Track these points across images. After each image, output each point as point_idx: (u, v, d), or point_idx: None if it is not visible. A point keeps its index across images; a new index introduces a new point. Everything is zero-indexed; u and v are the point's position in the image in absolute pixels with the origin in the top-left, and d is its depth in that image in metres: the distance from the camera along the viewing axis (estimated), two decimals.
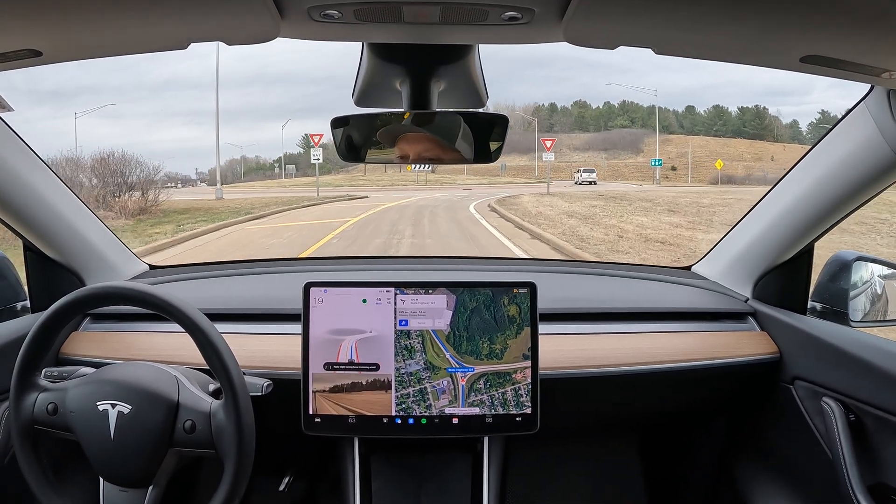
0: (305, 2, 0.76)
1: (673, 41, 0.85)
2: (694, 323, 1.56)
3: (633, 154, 49.21)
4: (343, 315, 1.30)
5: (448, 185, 39.05)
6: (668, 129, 51.10)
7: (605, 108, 58.10)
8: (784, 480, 1.49)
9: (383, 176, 48.36)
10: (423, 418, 1.29)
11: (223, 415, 1.06)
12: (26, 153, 1.33)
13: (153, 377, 1.09)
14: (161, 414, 1.06)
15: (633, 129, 53.98)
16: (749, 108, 48.93)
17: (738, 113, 49.59)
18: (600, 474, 1.92)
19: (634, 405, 1.56)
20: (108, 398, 1.06)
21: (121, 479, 1.09)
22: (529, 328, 1.31)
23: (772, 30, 0.78)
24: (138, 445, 1.06)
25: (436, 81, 1.06)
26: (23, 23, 0.77)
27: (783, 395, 1.45)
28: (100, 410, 1.06)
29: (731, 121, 49.73)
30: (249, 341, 1.41)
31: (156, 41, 0.88)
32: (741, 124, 48.87)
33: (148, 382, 1.08)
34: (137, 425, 1.06)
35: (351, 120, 1.07)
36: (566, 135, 55.47)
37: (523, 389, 1.30)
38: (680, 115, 53.13)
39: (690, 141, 45.50)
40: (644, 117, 54.64)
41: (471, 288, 1.31)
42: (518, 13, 0.78)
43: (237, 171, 39.69)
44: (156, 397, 1.07)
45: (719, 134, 47.02)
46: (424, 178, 43.10)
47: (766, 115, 48.77)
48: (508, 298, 1.31)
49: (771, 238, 1.49)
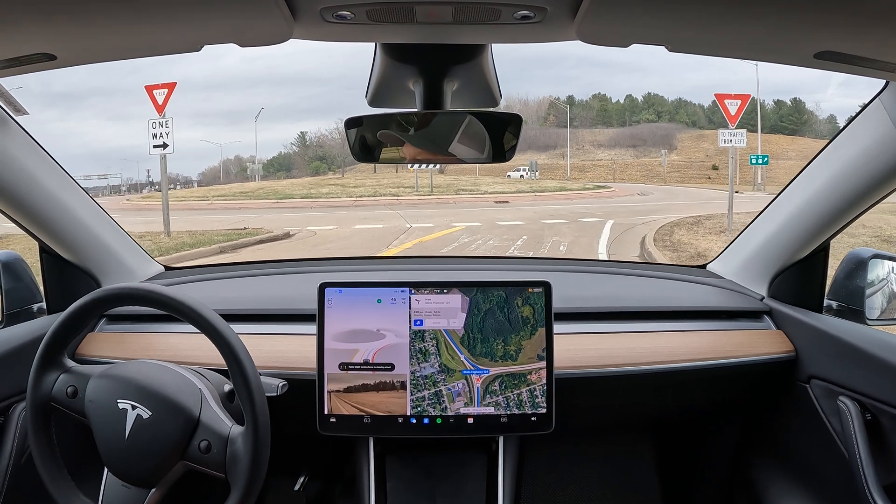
0: (318, 3, 0.76)
1: (686, 39, 0.85)
2: (709, 322, 1.55)
3: (665, 151, 45.19)
4: (358, 315, 1.31)
5: (466, 193, 25.61)
6: (697, 124, 48.37)
7: (628, 102, 54.86)
8: (800, 480, 1.49)
9: (370, 178, 36.59)
10: (438, 418, 1.30)
11: (241, 444, 1.05)
12: (42, 156, 1.34)
13: (178, 387, 1.09)
14: (179, 427, 1.06)
15: (661, 122, 50.41)
16: (785, 101, 46.53)
17: (773, 107, 46.77)
18: (615, 473, 1.91)
19: (649, 405, 1.56)
20: (130, 398, 1.06)
21: (126, 477, 1.09)
22: (543, 329, 1.30)
23: (786, 26, 0.77)
24: (150, 451, 1.06)
25: (449, 81, 1.06)
26: (37, 27, 0.78)
27: (799, 394, 1.44)
28: (119, 408, 1.06)
29: (767, 115, 45.99)
30: (264, 342, 1.42)
31: (169, 44, 0.89)
32: (778, 119, 45.72)
33: (172, 392, 1.07)
34: (153, 432, 1.05)
35: (364, 120, 1.07)
36: (588, 130, 51.62)
37: (538, 390, 1.30)
38: (707, 109, 50.16)
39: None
40: (671, 111, 51.81)
41: (484, 289, 1.31)
42: (530, 12, 0.78)
43: (230, 172, 39.02)
44: (177, 409, 1.06)
45: (755, 129, 44.62)
46: (429, 186, 27.71)
47: (805, 109, 46.34)
48: (522, 299, 1.31)
49: (786, 236, 1.48)
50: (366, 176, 37.89)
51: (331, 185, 31.01)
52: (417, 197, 24.16)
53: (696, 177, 37.87)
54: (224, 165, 45.98)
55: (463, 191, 26.36)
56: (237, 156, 44.32)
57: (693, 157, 41.19)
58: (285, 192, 27.58)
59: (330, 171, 38.28)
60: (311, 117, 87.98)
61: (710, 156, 40.99)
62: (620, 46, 0.88)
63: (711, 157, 40.88)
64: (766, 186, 28.12)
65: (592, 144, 49.41)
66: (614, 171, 39.81)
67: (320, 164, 39.98)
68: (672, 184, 35.44)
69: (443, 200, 22.57)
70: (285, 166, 41.00)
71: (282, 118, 75.00)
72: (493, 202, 21.85)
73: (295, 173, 41.95)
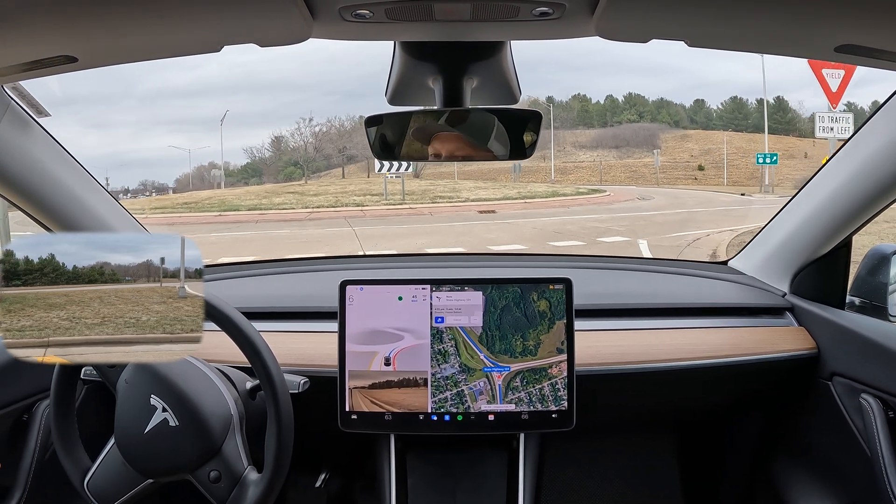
0: (337, 2, 0.76)
1: (706, 33, 0.85)
2: (731, 318, 1.55)
3: (648, 152, 43.15)
4: (379, 312, 1.31)
5: (444, 201, 21.44)
6: (680, 124, 47.03)
7: (609, 103, 53.13)
8: (821, 478, 1.48)
9: (335, 184, 31.06)
10: (459, 415, 1.30)
11: (250, 491, 1.05)
12: (64, 157, 1.35)
13: (212, 408, 1.08)
14: (198, 450, 1.06)
15: (643, 123, 48.83)
16: (769, 100, 46.22)
17: (756, 105, 45.49)
18: (635, 471, 1.91)
19: (670, 402, 1.55)
20: (164, 400, 1.07)
21: (130, 461, 1.09)
22: (561, 321, 1.31)
23: (806, 19, 0.77)
24: (162, 454, 1.07)
25: (468, 78, 1.06)
26: (59, 30, 0.79)
27: (821, 391, 1.44)
28: (149, 403, 1.07)
29: (751, 114, 45.42)
30: (286, 339, 1.43)
31: (189, 45, 0.89)
32: (761, 118, 45.25)
33: (205, 411, 1.07)
34: (173, 442, 1.06)
35: (384, 119, 1.07)
36: (569, 131, 49.54)
37: (560, 383, 1.30)
38: (688, 109, 49.22)
39: (712, 136, 41.67)
40: (653, 111, 50.21)
41: (499, 286, 1.32)
42: (549, 8, 0.78)
43: (205, 178, 38.63)
44: (203, 432, 1.06)
45: (740, 129, 44.21)
46: (401, 193, 22.18)
47: (788, 107, 46.06)
48: (538, 294, 1.31)
49: (808, 232, 1.47)
50: (331, 181, 33.90)
51: (289, 192, 26.56)
52: (386, 207, 19.87)
53: (683, 178, 36.80)
54: (199, 172, 43.91)
55: (441, 198, 22.32)
56: (211, 162, 43.01)
57: (678, 157, 40.63)
58: (232, 204, 22.66)
59: (304, 176, 37.59)
60: (291, 123, 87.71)
61: (695, 156, 40.21)
62: (639, 42, 0.87)
63: (696, 157, 40.10)
64: (774, 188, 26.07)
65: (574, 146, 47.92)
66: (601, 172, 39.32)
67: (294, 169, 38.97)
68: (662, 185, 33.51)
69: (416, 211, 18.73)
70: (259, 172, 39.97)
71: (260, 124, 74.82)
72: (477, 212, 18.27)
73: (266, 179, 39.84)
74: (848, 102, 43.69)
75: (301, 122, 49.88)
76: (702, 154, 39.87)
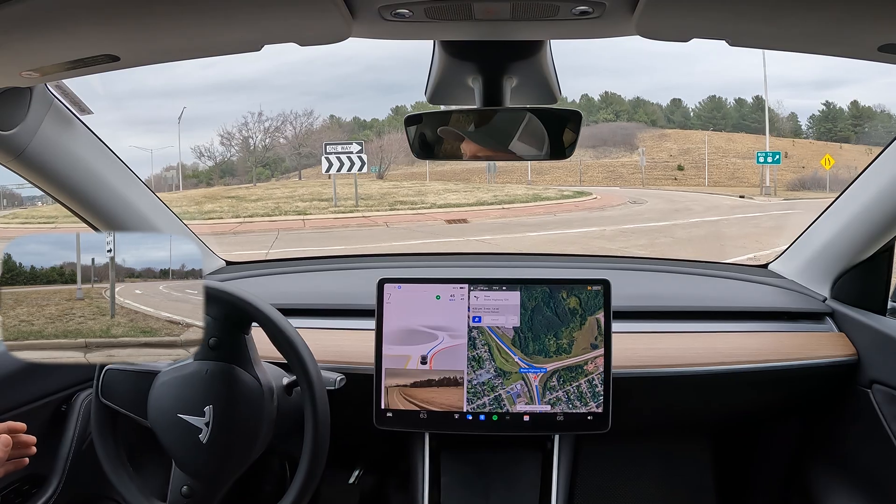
0: (376, 2, 0.76)
1: (748, 32, 0.84)
2: (770, 323, 1.53)
3: (627, 151, 41.88)
4: (416, 311, 1.32)
5: (406, 207, 17.96)
6: (657, 123, 45.78)
7: (584, 102, 51.48)
8: (859, 488, 1.45)
9: (285, 187, 25.61)
10: (495, 415, 1.30)
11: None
12: (106, 153, 1.37)
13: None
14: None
15: (620, 122, 47.45)
16: (746, 100, 44.90)
17: (734, 105, 44.92)
18: (670, 474, 1.89)
19: (706, 406, 1.53)
20: (191, 413, 1.09)
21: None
22: (592, 317, 1.30)
23: (850, 18, 0.76)
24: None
25: (508, 78, 1.06)
26: (102, 29, 0.80)
27: (860, 398, 1.41)
28: (184, 420, 1.09)
29: (729, 113, 44.54)
30: (323, 336, 1.44)
31: (230, 44, 0.90)
32: (740, 117, 43.73)
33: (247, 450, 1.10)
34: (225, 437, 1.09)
35: (424, 118, 1.07)
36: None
37: (597, 379, 1.29)
38: (665, 108, 47.98)
39: (691, 136, 40.46)
40: (629, 110, 48.78)
41: (527, 287, 1.31)
42: (589, 7, 0.78)
43: (171, 180, 37.31)
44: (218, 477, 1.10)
45: (719, 128, 43.90)
46: (355, 196, 18.40)
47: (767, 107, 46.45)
48: (567, 291, 1.31)
49: (849, 236, 1.45)
50: (283, 184, 29.80)
51: (229, 197, 22.62)
52: (333, 215, 16.44)
53: (663, 178, 35.57)
54: (168, 172, 42.86)
55: (402, 204, 18.68)
56: (179, 163, 41.40)
57: (657, 157, 39.54)
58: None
59: (273, 177, 36.32)
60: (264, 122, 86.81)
61: (674, 156, 39.08)
62: (680, 41, 0.87)
63: (675, 157, 38.96)
64: (776, 190, 24.18)
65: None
66: (580, 172, 38.89)
67: (263, 170, 37.80)
68: (641, 186, 31.13)
69: (369, 220, 15.48)
70: (229, 172, 38.58)
71: (232, 125, 73.89)
72: (445, 221, 15.27)
73: (230, 180, 36.40)
74: (826, 101, 42.51)
75: (249, 116, 45.96)
76: (681, 154, 39.05)
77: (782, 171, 27.64)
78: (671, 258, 1.89)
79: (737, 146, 37.67)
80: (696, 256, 9.81)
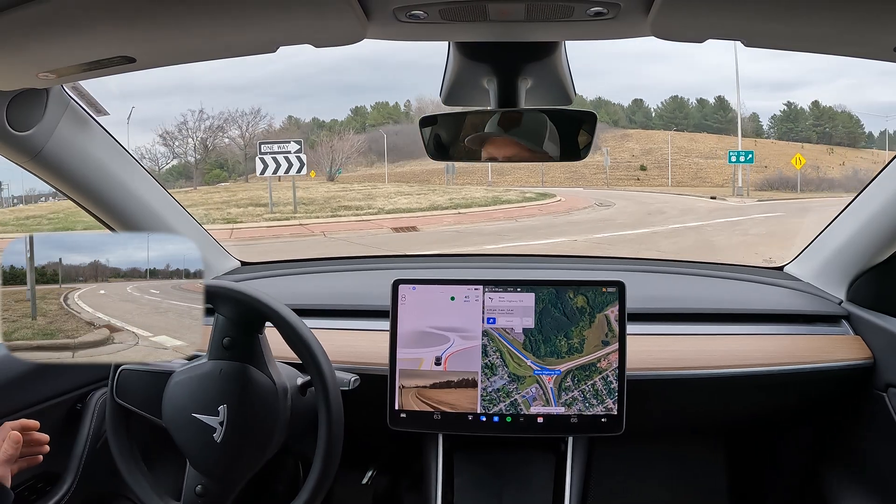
0: (391, 3, 0.77)
1: (764, 33, 0.84)
2: (785, 325, 1.51)
3: (608, 149, 43.06)
4: (431, 312, 1.31)
5: (350, 213, 16.41)
6: (619, 123, 45.02)
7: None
8: (874, 492, 1.43)
9: (225, 192, 23.55)
10: (508, 416, 1.30)
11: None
12: (122, 154, 1.38)
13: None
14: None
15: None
16: (708, 100, 44.56)
17: (696, 105, 44.76)
18: (683, 477, 1.88)
19: (721, 408, 1.52)
20: (204, 413, 1.09)
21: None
22: (601, 314, 1.30)
23: (866, 19, 0.76)
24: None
25: (523, 79, 1.06)
26: (118, 31, 0.81)
27: (876, 403, 1.39)
28: (198, 419, 1.09)
29: (691, 114, 44.36)
30: (337, 336, 1.43)
31: (245, 45, 0.91)
32: (702, 117, 43.66)
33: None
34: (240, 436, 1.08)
35: (439, 119, 1.07)
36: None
37: (612, 376, 1.28)
38: (627, 109, 47.39)
39: (653, 136, 40.07)
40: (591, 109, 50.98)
41: (541, 288, 1.31)
42: (604, 8, 0.78)
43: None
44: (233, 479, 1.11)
45: (681, 128, 44.40)
46: (293, 201, 16.96)
47: (729, 107, 45.90)
48: (573, 290, 1.31)
49: (866, 237, 1.43)
50: (227, 188, 27.54)
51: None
52: (267, 223, 14.88)
53: (625, 178, 35.27)
54: None
55: (346, 210, 17.01)
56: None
57: (619, 157, 39.25)
58: (69, 222, 14.47)
59: (231, 179, 35.15)
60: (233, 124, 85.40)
61: (637, 156, 38.94)
62: (695, 42, 0.87)
63: (638, 157, 38.81)
64: (748, 191, 23.12)
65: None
66: (542, 173, 38.68)
67: (220, 171, 36.76)
68: (605, 187, 30.06)
69: (306, 229, 14.10)
70: (185, 174, 37.27)
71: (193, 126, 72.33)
72: (391, 229, 13.63)
73: (185, 183, 33.07)
74: (788, 102, 42.91)
75: (189, 114, 42.77)
76: (643, 154, 38.99)
77: (745, 170, 26.63)
78: (685, 260, 1.89)
79: (699, 146, 37.83)
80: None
